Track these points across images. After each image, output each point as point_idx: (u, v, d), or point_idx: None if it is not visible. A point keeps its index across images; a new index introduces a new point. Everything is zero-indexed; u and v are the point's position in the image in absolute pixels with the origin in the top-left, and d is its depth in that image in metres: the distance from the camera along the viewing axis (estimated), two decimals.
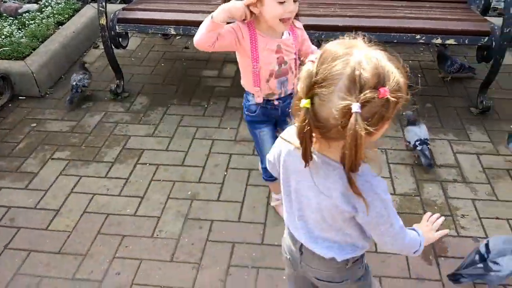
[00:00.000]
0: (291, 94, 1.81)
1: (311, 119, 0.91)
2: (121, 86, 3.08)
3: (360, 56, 0.89)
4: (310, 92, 0.91)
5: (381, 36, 2.75)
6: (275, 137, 1.92)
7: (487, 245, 1.72)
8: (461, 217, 2.16)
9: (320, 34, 2.75)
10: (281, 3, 1.52)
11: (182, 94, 3.08)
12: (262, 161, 1.98)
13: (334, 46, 0.92)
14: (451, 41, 2.74)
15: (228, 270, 1.92)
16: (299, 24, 1.77)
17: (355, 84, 0.86)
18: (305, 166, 0.99)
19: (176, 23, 2.80)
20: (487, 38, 2.67)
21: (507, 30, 2.59)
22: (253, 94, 1.79)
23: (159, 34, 3.74)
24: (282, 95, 1.79)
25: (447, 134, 2.70)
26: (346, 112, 0.86)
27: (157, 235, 2.08)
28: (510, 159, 2.49)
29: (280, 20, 1.57)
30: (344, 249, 1.15)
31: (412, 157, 2.51)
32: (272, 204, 2.20)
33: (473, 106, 2.93)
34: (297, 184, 1.10)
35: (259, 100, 1.78)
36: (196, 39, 1.59)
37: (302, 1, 3.12)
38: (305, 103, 0.90)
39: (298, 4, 1.59)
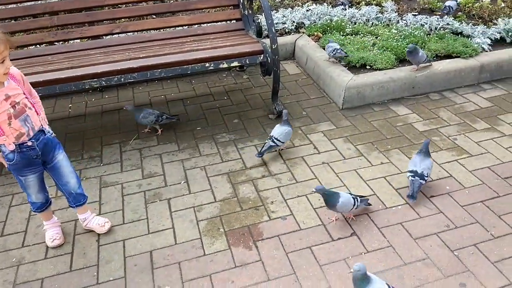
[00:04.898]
0: (42, 130, 1.96)
1: None
2: None
3: None
4: None
5: (175, 70, 3.07)
6: (42, 179, 2.11)
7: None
8: (271, 203, 2.51)
9: (120, 77, 2.95)
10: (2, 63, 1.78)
11: None
12: (29, 197, 2.16)
13: None
14: (235, 63, 3.19)
15: None
16: (13, 70, 1.94)
17: None
18: None
19: None
20: (262, 55, 3.19)
21: (274, 46, 3.14)
22: (4, 145, 1.89)
23: None
24: (32, 133, 1.92)
25: (253, 141, 3.11)
26: None
27: None
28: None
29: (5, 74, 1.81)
30: None
31: (226, 167, 2.83)
32: (44, 228, 2.33)
33: (270, 113, 3.43)
34: None
35: (11, 147, 1.89)
36: None
37: (96, 50, 3.33)
38: None
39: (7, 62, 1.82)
